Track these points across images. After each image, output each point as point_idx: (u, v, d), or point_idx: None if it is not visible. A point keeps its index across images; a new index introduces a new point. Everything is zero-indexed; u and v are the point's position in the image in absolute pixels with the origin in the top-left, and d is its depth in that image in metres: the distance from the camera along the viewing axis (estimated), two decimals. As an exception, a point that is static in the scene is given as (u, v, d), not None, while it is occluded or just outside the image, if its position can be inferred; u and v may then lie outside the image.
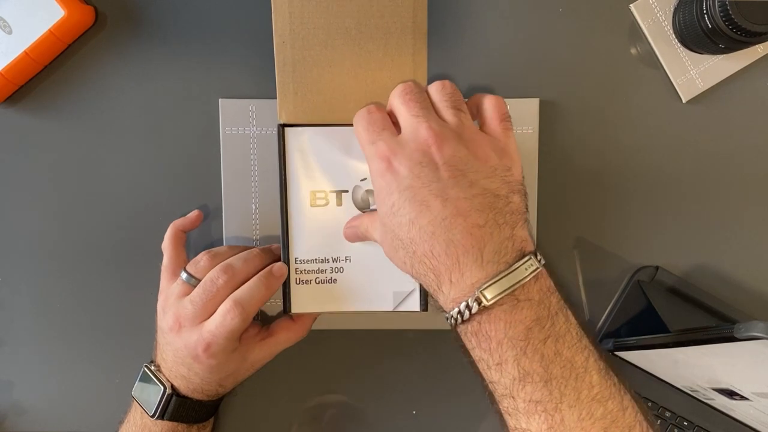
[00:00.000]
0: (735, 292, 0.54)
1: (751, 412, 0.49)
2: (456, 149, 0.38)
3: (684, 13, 0.50)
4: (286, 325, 0.49)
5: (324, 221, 0.46)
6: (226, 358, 0.45)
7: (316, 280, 0.47)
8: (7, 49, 0.49)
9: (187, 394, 0.47)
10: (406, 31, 0.44)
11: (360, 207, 0.46)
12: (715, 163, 0.54)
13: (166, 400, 0.47)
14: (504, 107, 0.41)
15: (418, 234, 0.37)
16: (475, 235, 0.36)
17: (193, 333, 0.45)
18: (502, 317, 0.36)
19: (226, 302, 0.44)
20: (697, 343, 0.42)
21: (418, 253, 0.37)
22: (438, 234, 0.36)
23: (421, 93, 0.41)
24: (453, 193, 0.37)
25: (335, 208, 0.46)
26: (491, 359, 0.36)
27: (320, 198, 0.47)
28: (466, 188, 0.37)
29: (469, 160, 0.38)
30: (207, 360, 0.45)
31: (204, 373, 0.46)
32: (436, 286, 0.38)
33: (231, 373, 0.48)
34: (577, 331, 0.37)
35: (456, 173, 0.37)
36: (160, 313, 0.47)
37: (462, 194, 0.37)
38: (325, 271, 0.47)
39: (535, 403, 0.35)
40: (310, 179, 0.46)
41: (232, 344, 0.45)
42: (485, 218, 0.37)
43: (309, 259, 0.47)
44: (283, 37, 0.44)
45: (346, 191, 0.46)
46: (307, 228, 0.47)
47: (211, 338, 0.44)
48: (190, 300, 0.45)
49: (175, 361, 0.46)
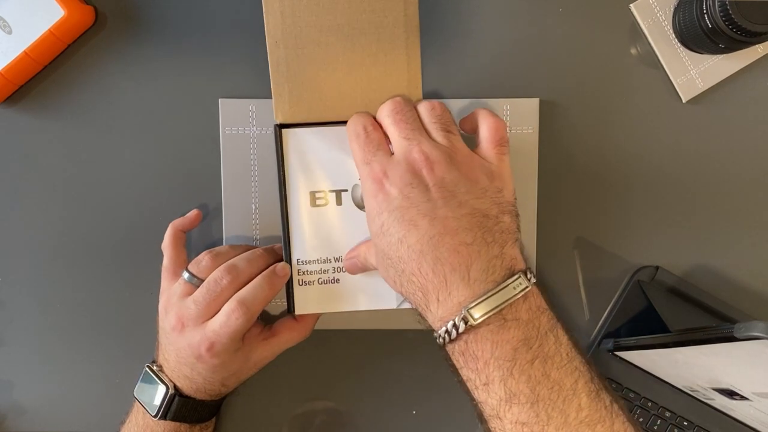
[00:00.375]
0: (735, 292, 0.54)
1: (751, 412, 0.49)
2: (447, 171, 0.38)
3: (684, 13, 0.50)
4: (290, 325, 0.49)
5: (324, 221, 0.46)
6: (229, 357, 0.45)
7: (319, 280, 0.47)
8: (7, 49, 0.49)
9: (190, 394, 0.47)
10: (398, 25, 0.44)
11: (359, 206, 0.46)
12: (715, 163, 0.54)
13: (168, 399, 0.46)
14: (503, 131, 0.42)
15: (406, 252, 0.37)
16: (462, 253, 0.36)
17: (196, 333, 0.44)
18: (488, 337, 0.36)
19: (231, 302, 0.44)
20: (697, 343, 0.42)
21: (407, 272, 0.38)
22: (426, 252, 0.37)
23: (411, 112, 0.41)
24: (441, 213, 0.37)
25: (335, 207, 0.46)
26: (478, 379, 0.36)
27: (320, 198, 0.47)
28: (455, 208, 0.37)
29: (459, 182, 0.38)
30: (210, 359, 0.45)
31: (207, 373, 0.46)
32: (424, 304, 0.38)
33: (234, 372, 0.47)
34: (567, 351, 0.37)
35: (445, 194, 0.38)
36: (162, 314, 0.47)
37: (451, 213, 0.37)
38: (327, 271, 0.47)
39: (521, 424, 0.35)
40: (308, 180, 0.46)
41: (235, 344, 0.45)
42: (473, 236, 0.37)
43: (311, 260, 0.47)
44: (276, 38, 0.44)
45: (345, 190, 0.46)
46: (308, 229, 0.47)
47: (214, 338, 0.44)
48: (193, 300, 0.45)
49: (178, 361, 0.46)
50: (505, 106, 0.52)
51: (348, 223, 0.47)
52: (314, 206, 0.46)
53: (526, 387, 0.35)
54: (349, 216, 0.46)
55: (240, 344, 0.46)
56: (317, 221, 0.46)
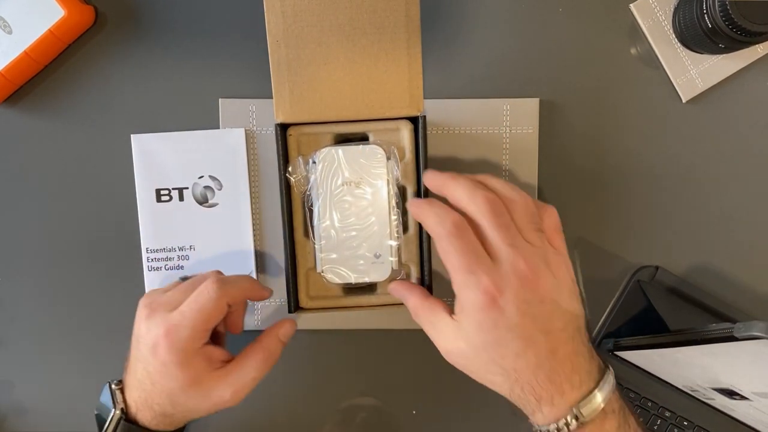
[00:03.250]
0: (735, 292, 0.54)
1: (751, 412, 0.49)
2: (549, 281, 0.40)
3: (684, 13, 0.50)
4: (247, 350, 0.45)
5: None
6: (184, 357, 0.41)
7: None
8: (7, 49, 0.49)
9: (136, 413, 0.43)
10: (399, 25, 0.44)
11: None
12: (714, 162, 0.53)
13: (115, 423, 0.43)
14: (558, 220, 0.43)
15: (524, 365, 0.39)
16: (574, 362, 0.39)
17: (160, 318, 0.42)
18: (594, 430, 0.39)
19: (208, 276, 0.44)
20: (697, 343, 0.42)
21: (521, 381, 0.40)
22: (543, 366, 0.39)
23: (507, 215, 0.40)
24: (552, 326, 0.39)
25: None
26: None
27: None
28: (560, 318, 0.40)
29: (557, 289, 0.40)
30: (163, 352, 0.41)
31: (156, 375, 0.42)
32: (536, 407, 0.40)
33: (184, 391, 0.42)
34: (634, 427, 0.41)
35: (553, 306, 0.39)
36: (137, 315, 0.45)
37: (559, 325, 0.39)
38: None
39: None
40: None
41: (196, 334, 0.42)
42: (576, 344, 0.40)
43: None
44: (277, 37, 0.44)
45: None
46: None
47: (178, 320, 0.41)
48: (170, 289, 0.45)
49: (135, 357, 0.43)
50: (505, 106, 0.52)
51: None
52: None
53: None
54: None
55: (200, 342, 0.42)
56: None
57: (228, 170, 0.52)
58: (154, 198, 0.53)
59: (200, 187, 0.52)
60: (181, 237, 0.53)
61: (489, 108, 0.52)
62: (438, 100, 0.52)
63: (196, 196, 0.52)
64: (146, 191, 0.53)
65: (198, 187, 0.52)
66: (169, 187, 0.52)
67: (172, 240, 0.53)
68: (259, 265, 0.53)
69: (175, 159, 0.52)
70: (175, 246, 0.53)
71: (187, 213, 0.52)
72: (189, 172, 0.52)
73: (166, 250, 0.53)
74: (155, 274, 0.53)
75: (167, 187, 0.52)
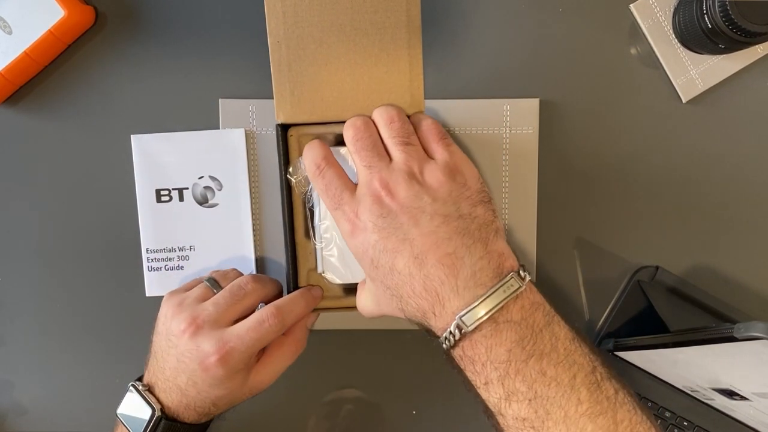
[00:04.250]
0: (735, 292, 0.54)
1: (751, 413, 0.49)
2: (408, 189, 0.39)
3: (684, 13, 0.50)
4: (279, 341, 0.46)
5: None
6: (234, 373, 0.43)
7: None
8: (7, 49, 0.49)
9: (177, 414, 0.44)
10: (400, 25, 0.44)
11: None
12: (714, 163, 0.54)
13: (154, 423, 0.43)
14: (438, 127, 0.42)
15: (399, 278, 0.38)
16: (447, 264, 0.37)
17: (210, 337, 0.42)
18: (482, 342, 0.37)
19: (268, 307, 0.43)
20: (697, 343, 0.42)
21: (404, 296, 0.39)
22: (414, 274, 0.38)
23: (370, 137, 0.41)
24: (416, 232, 0.38)
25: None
26: (478, 380, 0.37)
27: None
28: (428, 223, 0.38)
29: (423, 195, 0.39)
30: (216, 370, 0.42)
31: (203, 386, 0.43)
32: (425, 321, 0.39)
33: (228, 393, 0.44)
34: (566, 346, 0.37)
35: (414, 212, 0.38)
36: (167, 319, 0.44)
37: (426, 229, 0.38)
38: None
39: (522, 420, 0.36)
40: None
41: (249, 358, 0.43)
42: (454, 245, 0.38)
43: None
44: (278, 37, 0.44)
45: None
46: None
47: (235, 344, 0.42)
48: (213, 302, 0.44)
49: (176, 368, 0.43)
50: (505, 106, 0.52)
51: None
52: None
53: (522, 385, 0.36)
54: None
55: (253, 361, 0.44)
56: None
57: (228, 170, 0.52)
58: (154, 198, 0.53)
59: (200, 187, 0.52)
60: (181, 237, 0.53)
61: (489, 108, 0.52)
62: (438, 101, 0.52)
63: (196, 196, 0.53)
64: (146, 191, 0.52)
65: (198, 187, 0.52)
66: (169, 188, 0.53)
67: (172, 240, 0.53)
68: (259, 265, 0.53)
69: (175, 159, 0.52)
70: (175, 246, 0.53)
71: (187, 213, 0.52)
72: (189, 172, 0.52)
73: (166, 250, 0.53)
74: (155, 275, 0.53)
75: (167, 187, 0.52)
